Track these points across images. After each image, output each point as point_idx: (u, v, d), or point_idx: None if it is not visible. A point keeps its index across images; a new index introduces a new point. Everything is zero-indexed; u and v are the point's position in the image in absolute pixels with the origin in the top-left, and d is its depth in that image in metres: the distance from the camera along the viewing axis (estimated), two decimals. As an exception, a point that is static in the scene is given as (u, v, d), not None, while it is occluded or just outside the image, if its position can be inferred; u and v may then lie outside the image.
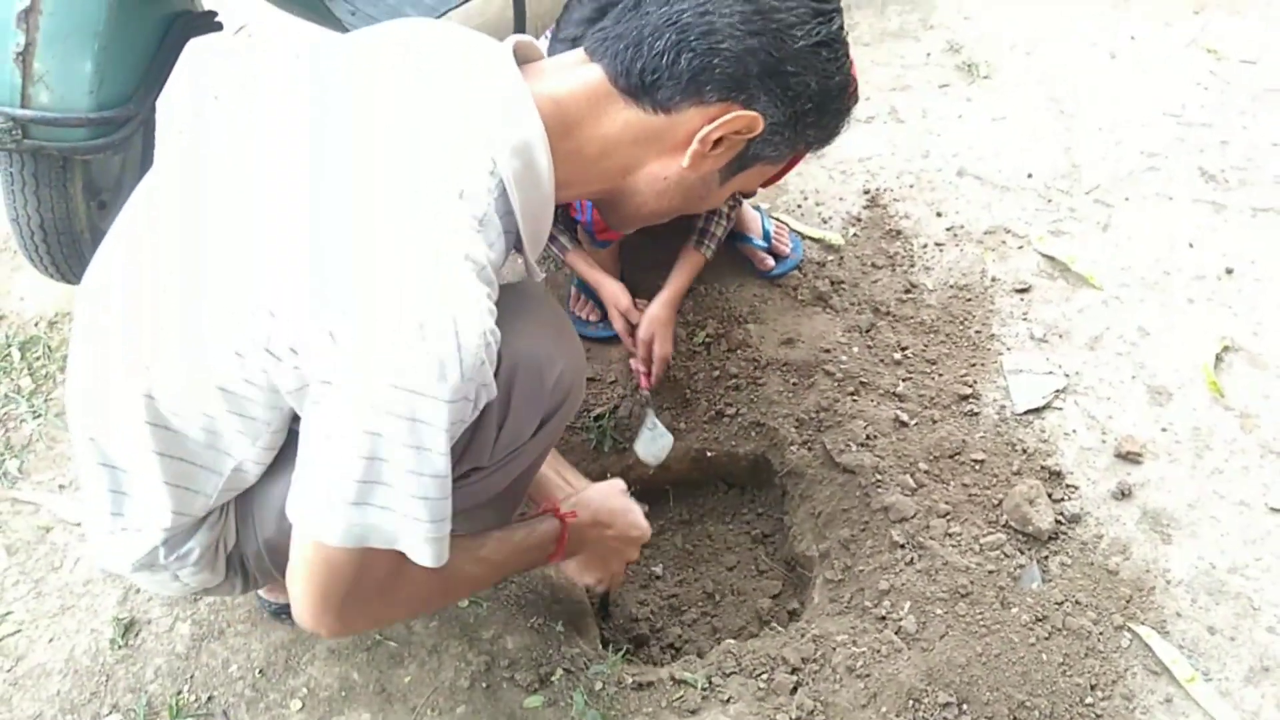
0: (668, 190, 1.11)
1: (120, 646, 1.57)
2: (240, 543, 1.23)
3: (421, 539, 0.99)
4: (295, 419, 1.14)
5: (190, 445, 1.08)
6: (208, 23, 2.11)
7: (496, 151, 1.00)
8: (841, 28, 1.07)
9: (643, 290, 2.03)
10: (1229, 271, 2.15)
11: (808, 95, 1.05)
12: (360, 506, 0.96)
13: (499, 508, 1.46)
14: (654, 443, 1.91)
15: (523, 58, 1.09)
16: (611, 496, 1.51)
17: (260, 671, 1.54)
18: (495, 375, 0.99)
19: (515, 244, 1.09)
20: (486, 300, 0.94)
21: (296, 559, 1.04)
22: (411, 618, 1.58)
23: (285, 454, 1.18)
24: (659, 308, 1.96)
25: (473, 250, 0.94)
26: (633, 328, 1.96)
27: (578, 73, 1.07)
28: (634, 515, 1.52)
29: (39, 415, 1.95)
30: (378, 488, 0.95)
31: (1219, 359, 1.98)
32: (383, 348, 0.89)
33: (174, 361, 1.02)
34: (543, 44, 1.69)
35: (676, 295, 2.00)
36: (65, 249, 1.98)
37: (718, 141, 1.05)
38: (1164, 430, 1.87)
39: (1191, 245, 2.22)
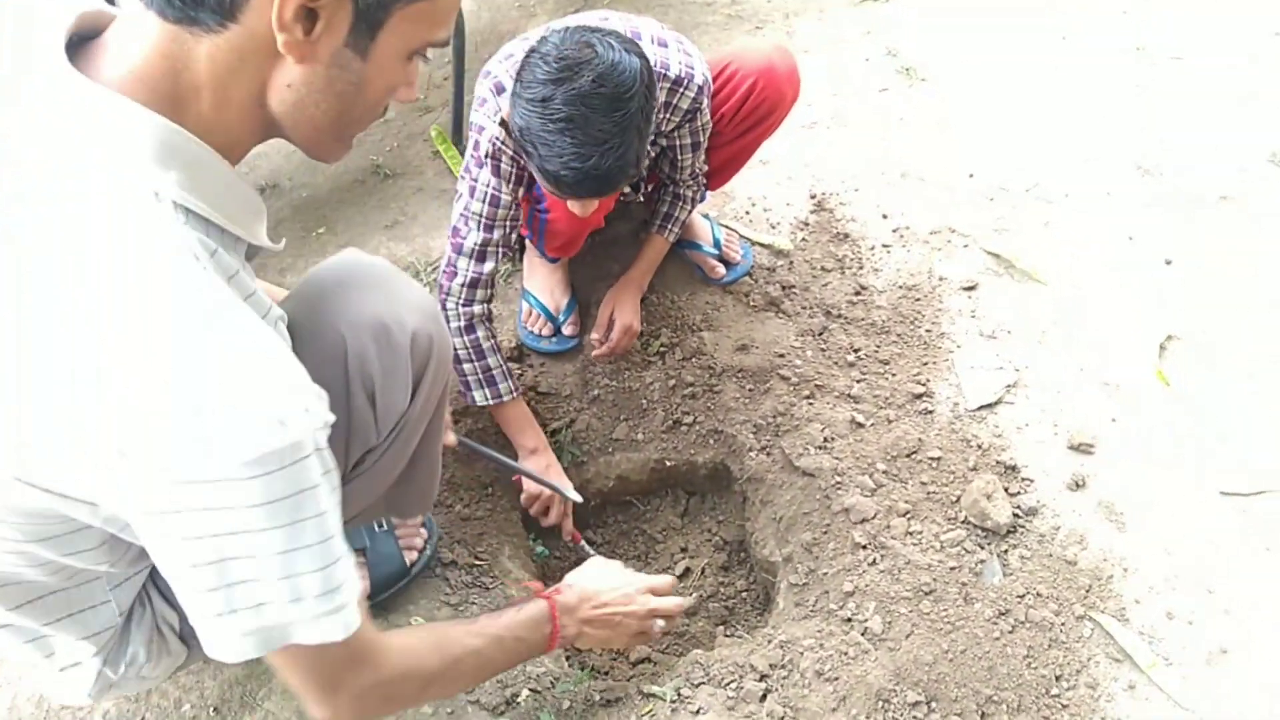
0: (308, 98, 0.90)
1: (66, 690, 1.51)
2: (184, 619, 1.18)
3: (311, 617, 0.89)
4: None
5: (43, 589, 1.02)
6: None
7: (144, 181, 0.83)
8: None
9: (605, 281, 2.06)
10: (1168, 263, 2.19)
11: None
12: (234, 612, 0.87)
13: (414, 490, 1.44)
14: None
15: (91, 31, 0.89)
16: (603, 573, 1.47)
17: (215, 709, 1.49)
18: (345, 354, 1.04)
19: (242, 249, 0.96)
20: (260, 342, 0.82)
21: (273, 663, 0.97)
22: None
23: None
24: (621, 285, 1.98)
25: (219, 296, 0.82)
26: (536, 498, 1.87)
27: (138, 32, 0.85)
28: (629, 587, 1.45)
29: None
30: (233, 587, 0.85)
31: (1164, 349, 2.01)
32: (155, 444, 0.78)
33: None
34: (498, 65, 1.64)
35: (640, 275, 2.02)
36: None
37: (310, 16, 0.83)
38: (1114, 421, 1.89)
39: (1131, 239, 2.26)
